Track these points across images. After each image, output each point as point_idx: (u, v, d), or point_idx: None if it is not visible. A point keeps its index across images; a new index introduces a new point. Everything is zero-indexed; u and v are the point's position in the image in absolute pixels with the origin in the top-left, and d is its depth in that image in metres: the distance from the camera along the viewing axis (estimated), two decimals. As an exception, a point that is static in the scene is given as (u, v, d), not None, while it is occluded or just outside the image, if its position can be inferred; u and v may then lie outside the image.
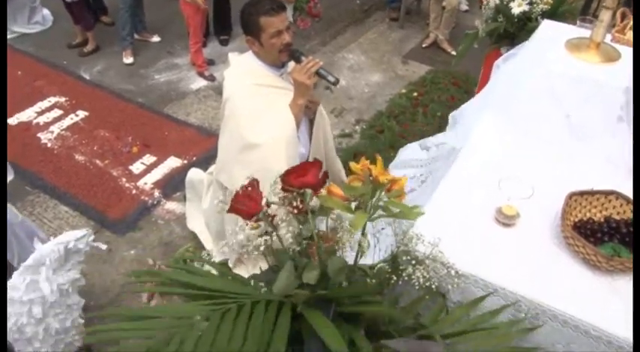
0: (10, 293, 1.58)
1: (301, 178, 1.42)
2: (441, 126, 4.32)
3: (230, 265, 2.99)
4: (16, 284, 1.59)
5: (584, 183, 1.82)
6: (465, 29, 4.57)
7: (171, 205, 3.67)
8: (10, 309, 1.60)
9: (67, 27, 5.49)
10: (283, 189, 1.43)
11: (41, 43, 5.52)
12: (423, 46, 5.64)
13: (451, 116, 2.65)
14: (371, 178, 1.41)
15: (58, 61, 5.23)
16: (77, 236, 1.68)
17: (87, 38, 5.36)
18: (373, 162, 1.45)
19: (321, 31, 5.84)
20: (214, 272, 1.60)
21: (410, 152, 2.79)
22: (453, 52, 5.36)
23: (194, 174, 3.38)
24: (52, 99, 4.66)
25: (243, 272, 2.79)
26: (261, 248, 1.39)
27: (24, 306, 1.58)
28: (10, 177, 2.27)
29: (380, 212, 1.37)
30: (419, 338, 1.48)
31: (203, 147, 4.13)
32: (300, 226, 1.46)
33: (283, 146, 2.44)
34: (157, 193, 3.75)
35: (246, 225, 1.45)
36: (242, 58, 2.57)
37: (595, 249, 1.57)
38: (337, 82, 2.39)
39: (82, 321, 1.71)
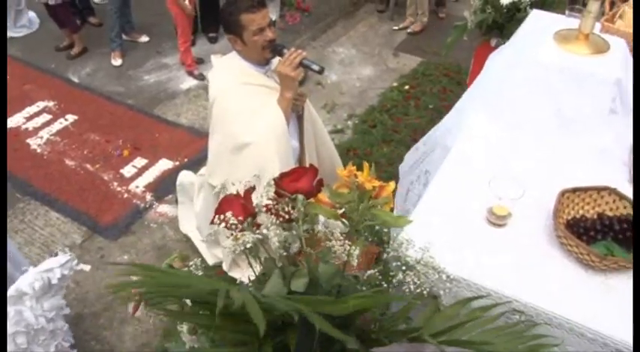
0: None
1: (294, 183, 1.39)
2: (433, 118, 4.28)
3: (225, 268, 2.97)
4: None
5: (577, 179, 1.79)
6: (454, 20, 4.53)
7: (163, 208, 3.63)
8: None
9: (55, 29, 5.42)
10: (276, 193, 1.40)
11: (28, 47, 5.46)
12: (394, 28, 5.79)
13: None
14: (357, 185, 1.38)
15: (46, 65, 5.17)
16: (61, 262, 1.64)
17: (74, 41, 5.30)
18: (365, 157, 1.42)
19: (311, 26, 5.79)
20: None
21: (412, 155, 2.74)
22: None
23: (184, 176, 3.35)
24: (41, 104, 4.61)
25: (239, 274, 2.77)
26: (248, 245, 1.35)
27: (8, 338, 1.55)
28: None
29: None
30: (410, 340, 1.45)
31: (194, 148, 4.09)
32: (286, 233, 1.42)
33: (274, 142, 2.42)
34: (148, 196, 3.71)
35: (231, 235, 1.41)
36: (225, 59, 2.54)
37: (588, 248, 1.54)
38: (322, 70, 2.36)
39: (67, 344, 1.69)
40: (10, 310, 1.55)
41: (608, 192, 1.74)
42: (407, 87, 4.76)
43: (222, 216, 1.35)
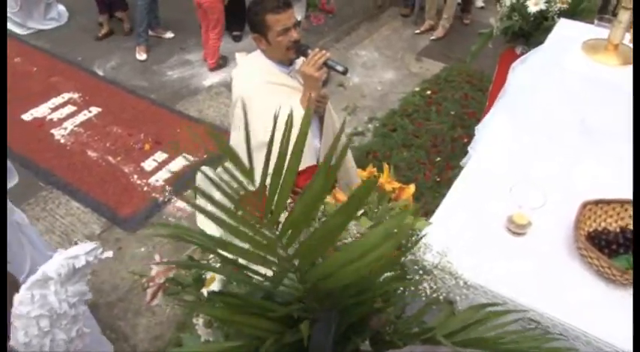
0: (19, 308, 1.58)
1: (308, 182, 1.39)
2: (454, 124, 4.27)
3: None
4: (24, 300, 1.57)
5: (600, 190, 1.77)
6: (478, 26, 4.51)
7: (181, 203, 3.66)
8: (17, 323, 1.60)
9: (83, 23, 5.51)
10: (292, 191, 1.40)
11: (57, 39, 5.54)
12: (416, 32, 5.80)
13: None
14: (377, 186, 1.39)
15: (73, 57, 5.25)
16: (86, 250, 1.66)
17: (110, 29, 5.53)
18: (385, 160, 1.42)
19: (335, 27, 5.79)
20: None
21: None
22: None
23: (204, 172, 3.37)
24: (66, 96, 4.68)
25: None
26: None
27: (32, 321, 1.58)
28: (14, 181, 2.27)
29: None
30: (423, 342, 1.45)
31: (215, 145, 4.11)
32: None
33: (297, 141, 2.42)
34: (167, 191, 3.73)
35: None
36: (250, 58, 2.55)
37: (609, 261, 1.52)
38: (346, 71, 2.35)
39: (88, 330, 1.71)
40: (36, 293, 1.58)
41: (633, 205, 1.71)
42: (429, 92, 4.74)
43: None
